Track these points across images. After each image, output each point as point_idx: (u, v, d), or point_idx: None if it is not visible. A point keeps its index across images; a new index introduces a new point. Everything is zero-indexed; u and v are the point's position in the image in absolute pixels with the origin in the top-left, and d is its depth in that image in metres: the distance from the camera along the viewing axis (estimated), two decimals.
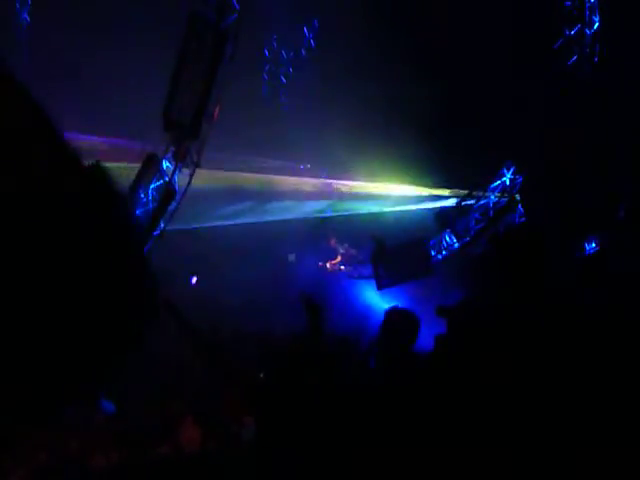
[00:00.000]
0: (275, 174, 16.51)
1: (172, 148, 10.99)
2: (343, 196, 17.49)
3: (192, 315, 10.93)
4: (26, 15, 14.06)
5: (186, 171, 11.05)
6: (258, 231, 15.23)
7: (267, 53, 15.97)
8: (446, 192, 16.48)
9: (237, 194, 15.41)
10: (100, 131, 13.81)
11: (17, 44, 13.87)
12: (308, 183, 17.25)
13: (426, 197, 17.00)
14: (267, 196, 16.28)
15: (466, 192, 14.67)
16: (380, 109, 14.70)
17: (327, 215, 17.64)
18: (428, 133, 14.57)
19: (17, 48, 13.72)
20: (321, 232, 17.53)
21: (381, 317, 7.61)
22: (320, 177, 17.22)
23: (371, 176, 16.85)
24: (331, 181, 17.34)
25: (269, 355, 6.98)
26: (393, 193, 17.32)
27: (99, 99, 12.97)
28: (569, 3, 12.91)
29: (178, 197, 10.94)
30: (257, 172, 16.07)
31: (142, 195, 11.11)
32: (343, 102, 14.50)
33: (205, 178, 12.19)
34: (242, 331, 11.17)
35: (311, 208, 17.25)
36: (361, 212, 17.33)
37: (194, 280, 14.65)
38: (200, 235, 13.77)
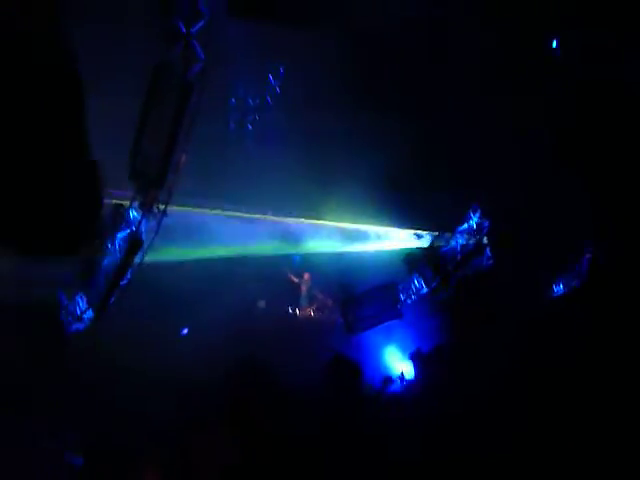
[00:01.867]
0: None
1: (138, 197, 10.91)
2: (307, 235, 17.45)
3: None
4: None
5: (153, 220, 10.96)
6: (222, 274, 15.08)
7: (233, 101, 16.05)
8: (413, 233, 16.57)
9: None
10: None
11: None
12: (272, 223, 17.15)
13: (392, 237, 17.09)
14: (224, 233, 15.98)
15: (434, 234, 14.75)
16: (349, 150, 14.82)
17: (293, 256, 17.62)
18: (396, 174, 14.69)
19: None
20: (293, 271, 17.54)
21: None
22: (284, 216, 17.15)
23: (338, 216, 16.90)
24: (295, 220, 17.30)
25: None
26: (360, 232, 17.36)
27: None
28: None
29: (145, 247, 10.85)
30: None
31: (109, 245, 11.03)
32: (309, 143, 14.61)
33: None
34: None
35: (272, 247, 17.16)
36: (328, 251, 17.32)
37: (185, 331, 14.44)
38: (157, 281, 13.36)
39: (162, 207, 10.72)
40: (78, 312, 11.69)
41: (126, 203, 10.96)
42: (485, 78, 12.98)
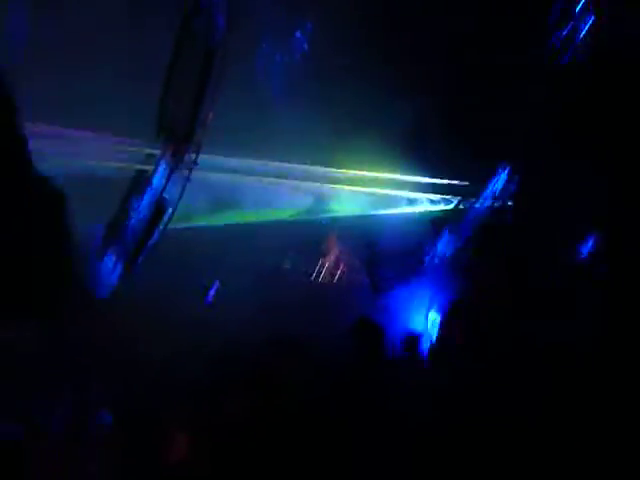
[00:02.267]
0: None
1: (165, 153, 10.98)
2: (334, 199, 17.40)
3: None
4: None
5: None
6: (248, 237, 15.09)
7: (260, 58, 15.96)
8: (438, 196, 16.50)
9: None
10: (93, 127, 13.65)
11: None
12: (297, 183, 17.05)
13: (419, 201, 17.00)
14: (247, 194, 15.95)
15: (459, 198, 14.77)
16: (376, 107, 14.76)
17: (321, 219, 17.58)
18: (422, 128, 14.65)
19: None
20: (319, 234, 17.53)
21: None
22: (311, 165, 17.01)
23: (364, 174, 16.83)
24: (322, 183, 17.20)
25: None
26: (386, 196, 17.28)
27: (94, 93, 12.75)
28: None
29: (172, 206, 10.95)
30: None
31: (135, 205, 11.13)
32: (338, 98, 14.55)
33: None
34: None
35: (298, 210, 17.12)
36: (354, 215, 17.28)
37: (212, 292, 14.43)
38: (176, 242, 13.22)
39: (190, 160, 10.81)
40: (106, 272, 11.83)
41: (149, 168, 11.04)
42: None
